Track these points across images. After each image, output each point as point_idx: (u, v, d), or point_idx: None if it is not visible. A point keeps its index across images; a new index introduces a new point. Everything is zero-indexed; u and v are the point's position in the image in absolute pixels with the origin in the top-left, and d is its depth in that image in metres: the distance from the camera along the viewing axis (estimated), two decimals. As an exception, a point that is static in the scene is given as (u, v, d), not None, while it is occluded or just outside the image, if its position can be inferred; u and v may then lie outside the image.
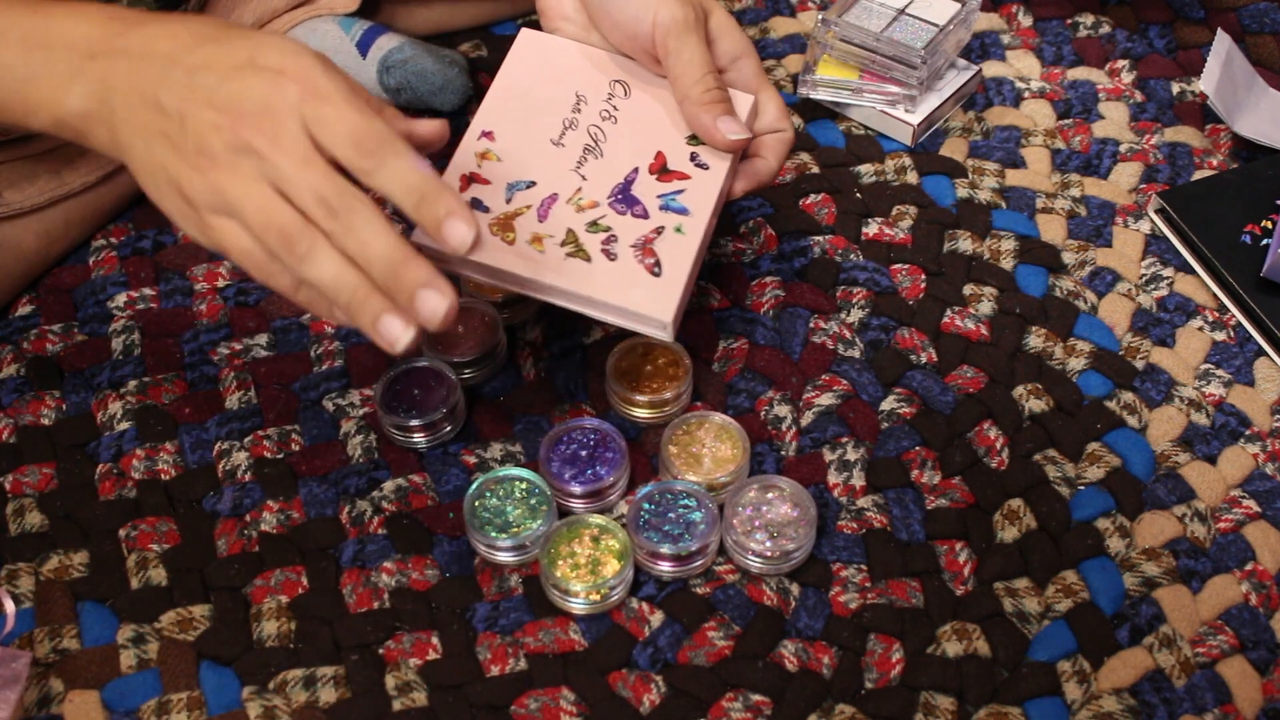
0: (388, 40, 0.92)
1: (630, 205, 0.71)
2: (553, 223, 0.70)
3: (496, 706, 0.69)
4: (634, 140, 0.73)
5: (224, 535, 0.75)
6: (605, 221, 0.70)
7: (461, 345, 0.81)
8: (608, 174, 0.72)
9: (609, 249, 0.69)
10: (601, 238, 0.70)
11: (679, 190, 0.72)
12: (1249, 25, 1.03)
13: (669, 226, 0.70)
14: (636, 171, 0.72)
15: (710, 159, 0.73)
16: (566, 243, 0.69)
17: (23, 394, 0.81)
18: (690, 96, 0.71)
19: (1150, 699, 0.69)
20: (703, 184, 0.72)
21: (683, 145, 0.73)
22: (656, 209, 0.71)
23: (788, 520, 0.73)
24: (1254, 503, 0.77)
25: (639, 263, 0.69)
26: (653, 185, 0.72)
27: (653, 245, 0.70)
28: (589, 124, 0.73)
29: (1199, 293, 0.86)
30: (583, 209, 0.71)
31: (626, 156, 0.73)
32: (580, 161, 0.72)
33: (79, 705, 0.69)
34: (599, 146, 0.73)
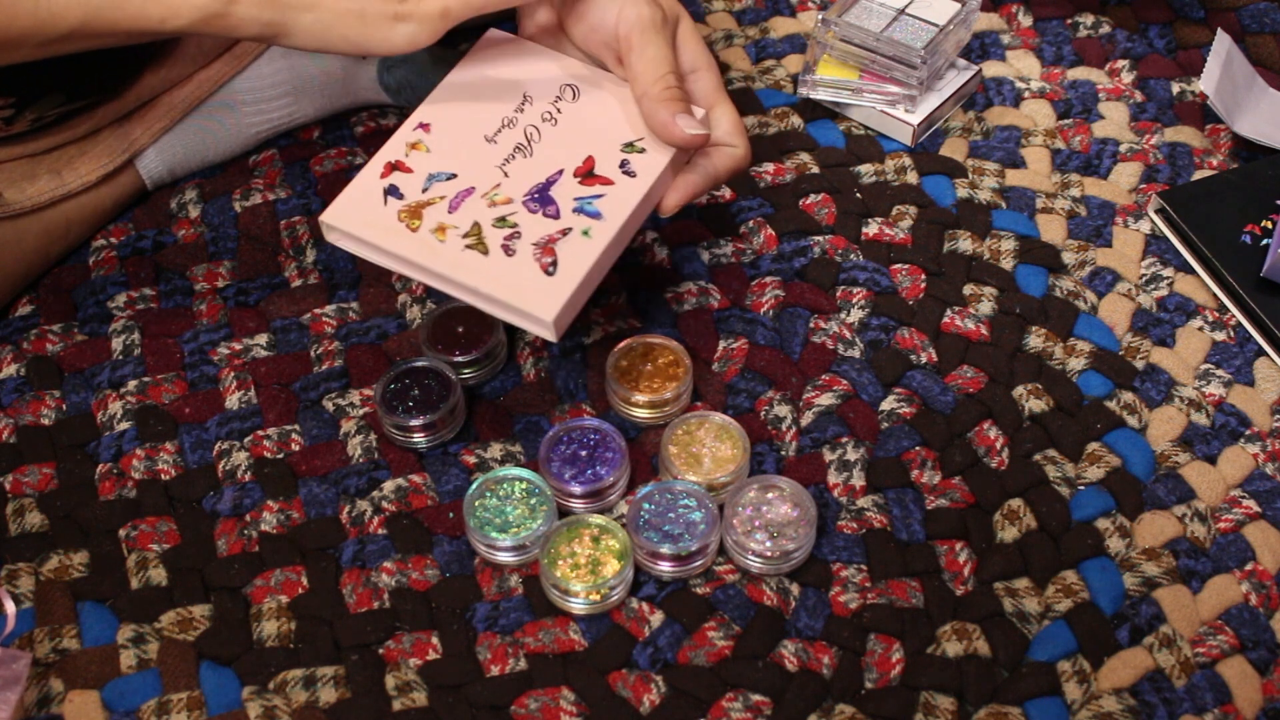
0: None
1: (544, 205, 0.71)
2: (462, 215, 0.70)
3: (496, 706, 0.69)
4: (568, 143, 0.73)
5: (224, 535, 0.75)
6: (514, 218, 0.70)
7: (461, 345, 0.81)
8: (531, 173, 0.72)
9: (509, 244, 0.69)
10: (505, 233, 0.70)
11: (598, 195, 0.71)
12: (1249, 25, 1.03)
13: (577, 229, 0.70)
14: (561, 173, 0.72)
15: (640, 168, 0.72)
16: (469, 235, 0.70)
17: (23, 394, 0.81)
18: (650, 93, 0.71)
19: (1150, 699, 0.69)
20: (624, 192, 0.71)
21: (616, 152, 0.73)
22: (570, 211, 0.71)
23: (788, 520, 0.73)
24: (1254, 503, 0.77)
25: (535, 260, 0.69)
26: (573, 188, 0.72)
27: (554, 245, 0.69)
28: (528, 123, 0.74)
29: (1199, 293, 0.86)
30: (495, 204, 0.71)
31: (555, 158, 0.73)
32: (508, 159, 0.72)
33: (79, 705, 0.69)
34: (530, 146, 0.73)
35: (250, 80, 0.90)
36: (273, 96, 0.91)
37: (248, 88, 0.90)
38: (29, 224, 0.84)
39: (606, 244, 0.70)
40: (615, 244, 0.71)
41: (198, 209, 0.91)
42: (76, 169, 0.85)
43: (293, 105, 0.92)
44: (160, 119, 0.88)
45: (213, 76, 0.89)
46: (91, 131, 0.86)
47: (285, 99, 0.92)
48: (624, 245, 0.72)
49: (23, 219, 0.84)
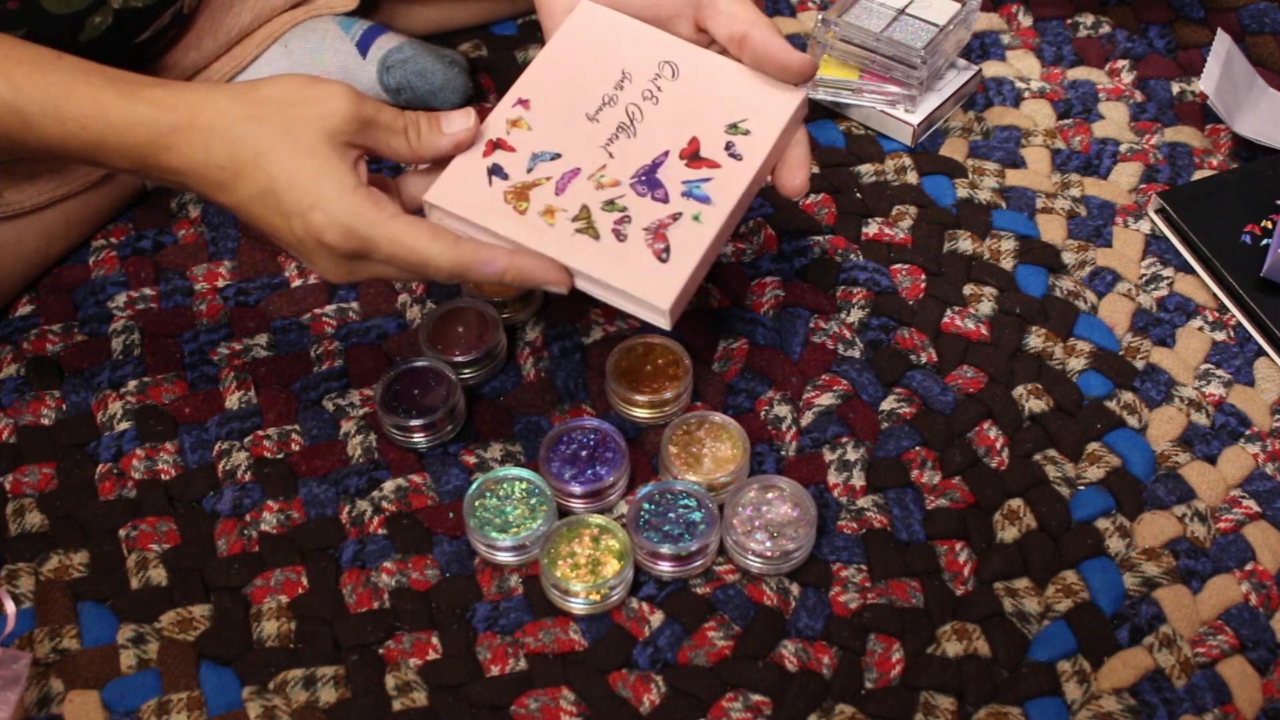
0: (388, 40, 0.92)
1: (652, 188, 0.70)
2: (569, 197, 0.69)
3: (496, 706, 0.69)
4: (671, 123, 0.72)
5: (224, 535, 0.75)
6: (623, 201, 0.69)
7: (461, 345, 0.81)
8: (636, 154, 0.71)
9: (620, 229, 0.68)
10: (615, 217, 0.69)
11: (706, 179, 0.70)
12: (1249, 25, 1.03)
13: (687, 214, 0.69)
14: (667, 155, 0.71)
15: (746, 151, 0.71)
16: (578, 218, 0.68)
17: (23, 394, 0.81)
18: (762, 21, 0.70)
19: (1150, 699, 0.69)
20: (732, 175, 0.70)
21: (720, 134, 0.71)
22: (679, 195, 0.70)
23: (788, 520, 0.73)
24: (1254, 503, 0.77)
25: (648, 246, 0.68)
26: (680, 170, 0.70)
27: (666, 231, 0.68)
28: (629, 102, 0.72)
29: (1199, 293, 0.86)
30: (603, 186, 0.69)
31: (660, 139, 0.71)
32: (611, 139, 0.71)
33: (79, 705, 0.69)
34: (634, 125, 0.71)
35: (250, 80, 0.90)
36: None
37: (248, 88, 0.90)
38: (29, 224, 0.84)
39: (718, 229, 0.69)
40: (725, 229, 0.70)
41: (198, 209, 0.91)
42: (77, 169, 0.85)
43: (293, 105, 0.92)
44: (160, 119, 0.88)
45: (213, 77, 0.89)
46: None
47: (285, 99, 0.91)
48: (732, 230, 0.71)
49: (23, 219, 0.84)
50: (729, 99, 0.72)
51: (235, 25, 0.89)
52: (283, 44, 0.91)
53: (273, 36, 0.90)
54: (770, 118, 0.72)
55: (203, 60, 0.88)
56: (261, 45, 0.90)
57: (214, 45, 0.88)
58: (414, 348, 0.83)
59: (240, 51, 0.90)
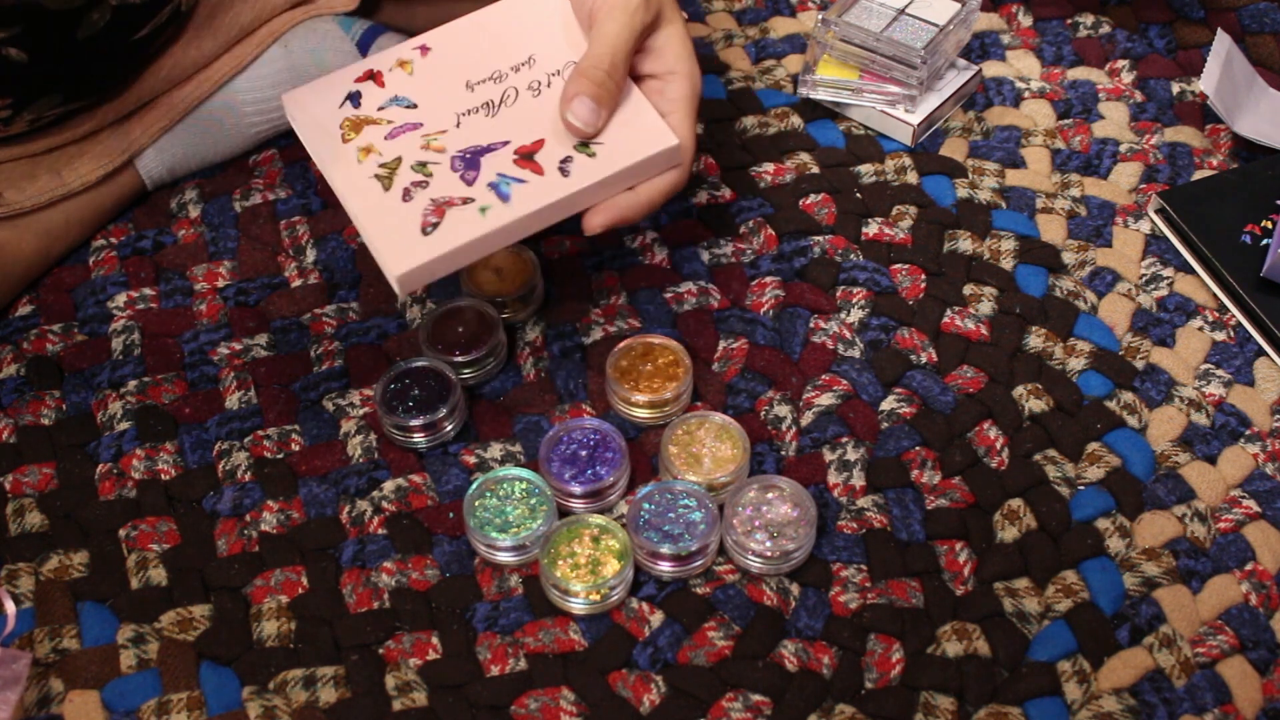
0: (388, 40, 0.92)
1: (468, 168, 0.70)
2: (393, 145, 0.71)
3: (496, 706, 0.69)
4: (532, 119, 0.72)
5: (224, 535, 0.75)
6: (434, 168, 0.70)
7: (461, 345, 0.81)
8: (479, 133, 0.72)
9: (411, 190, 0.69)
10: (416, 178, 0.69)
11: (520, 180, 0.70)
12: (1249, 25, 1.03)
13: (478, 203, 0.69)
14: (506, 145, 0.71)
15: (576, 171, 0.71)
16: (385, 166, 0.70)
17: (23, 394, 0.81)
18: (580, 66, 0.71)
19: (1150, 699, 0.69)
20: (546, 186, 0.70)
21: (567, 148, 0.72)
22: (485, 184, 0.70)
23: (788, 520, 0.73)
24: (1254, 503, 0.77)
25: (422, 215, 0.68)
26: (505, 164, 0.71)
27: (448, 209, 0.68)
28: (513, 84, 0.73)
29: (1199, 293, 0.86)
30: (428, 149, 0.71)
31: (511, 129, 0.72)
32: (470, 111, 0.72)
33: (79, 705, 0.69)
34: (499, 107, 0.72)
35: (250, 80, 0.90)
36: (273, 96, 0.91)
37: (248, 87, 0.90)
38: (29, 224, 0.84)
39: (495, 228, 0.69)
40: (507, 231, 0.69)
41: (198, 209, 0.91)
42: (76, 169, 0.85)
43: (293, 105, 0.92)
44: (160, 119, 0.88)
45: (213, 76, 0.89)
46: (91, 132, 0.86)
47: (285, 99, 0.92)
48: (518, 237, 0.71)
49: (23, 219, 0.84)
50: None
51: (235, 24, 0.89)
52: (283, 43, 0.91)
53: (273, 36, 0.90)
54: (625, 151, 0.71)
55: (203, 59, 0.88)
56: (262, 45, 0.90)
57: (214, 44, 0.88)
58: (414, 348, 0.83)
59: (240, 51, 0.90)
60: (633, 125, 0.72)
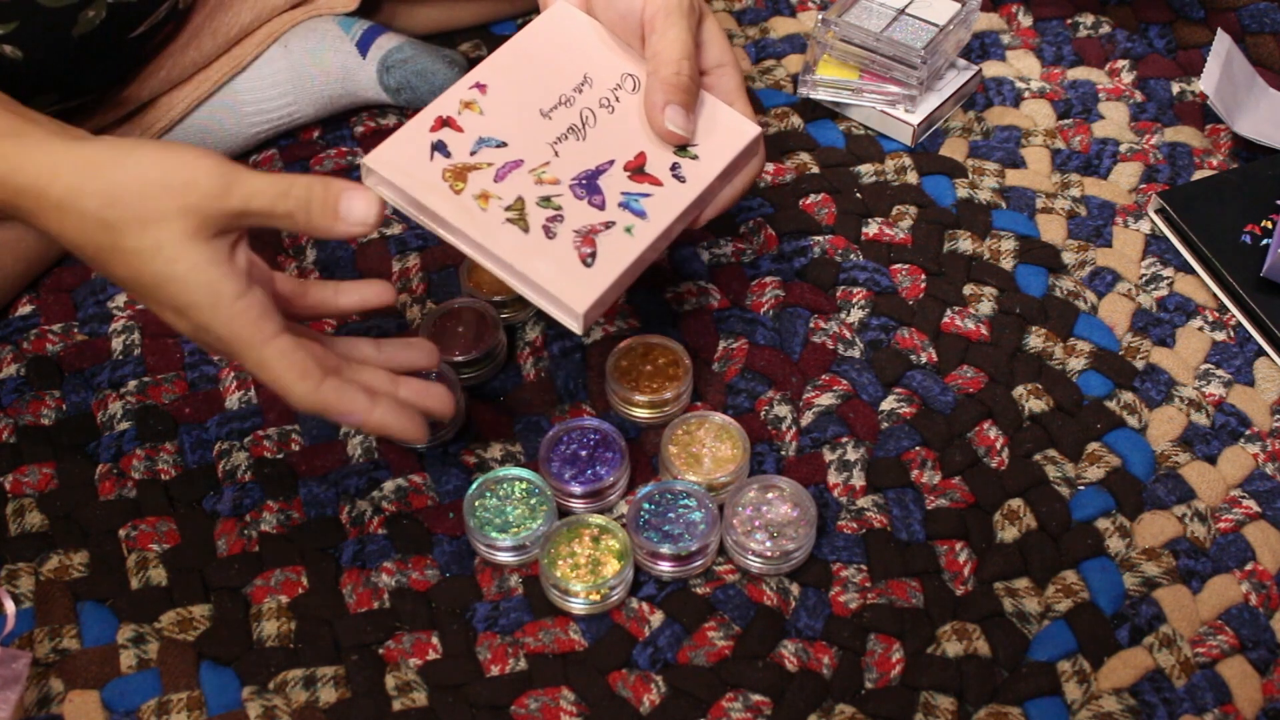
0: (388, 40, 0.92)
1: (591, 193, 0.69)
2: (507, 186, 0.69)
3: (496, 706, 0.69)
4: (623, 134, 0.72)
5: (224, 535, 0.75)
6: (559, 200, 0.69)
7: (461, 345, 0.81)
8: (582, 157, 0.71)
9: (550, 226, 0.68)
10: (548, 214, 0.68)
11: (646, 194, 0.70)
12: (1249, 25, 1.03)
13: (620, 224, 0.69)
14: (612, 164, 0.71)
15: (690, 174, 0.71)
16: (511, 208, 0.68)
17: (23, 394, 0.81)
18: (657, 74, 0.70)
19: (1150, 699, 0.69)
20: (672, 195, 0.70)
21: (668, 154, 0.72)
22: (615, 204, 0.69)
23: (788, 520, 0.73)
24: (1254, 503, 0.77)
25: (575, 248, 0.68)
26: (622, 182, 0.70)
27: (596, 237, 0.68)
28: (585, 106, 0.72)
29: (1199, 293, 0.86)
30: (542, 182, 0.69)
31: (608, 147, 0.71)
32: (560, 138, 0.71)
33: (79, 705, 0.69)
34: (585, 129, 0.71)
35: (250, 80, 0.90)
36: (273, 96, 0.91)
37: (248, 88, 0.90)
38: (29, 224, 0.84)
39: (647, 245, 0.69)
40: (654, 246, 0.69)
41: (198, 209, 0.91)
42: (76, 169, 0.85)
43: (292, 105, 0.92)
44: (160, 120, 0.88)
45: (212, 77, 0.89)
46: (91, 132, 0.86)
47: (285, 99, 0.92)
48: (661, 249, 0.71)
49: (23, 219, 0.84)
50: None
51: (235, 24, 0.89)
52: (283, 44, 0.91)
53: (273, 36, 0.90)
54: (720, 147, 0.72)
55: (202, 59, 0.88)
56: (261, 45, 0.90)
57: (213, 44, 0.88)
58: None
59: (240, 51, 0.90)
60: (717, 123, 0.73)
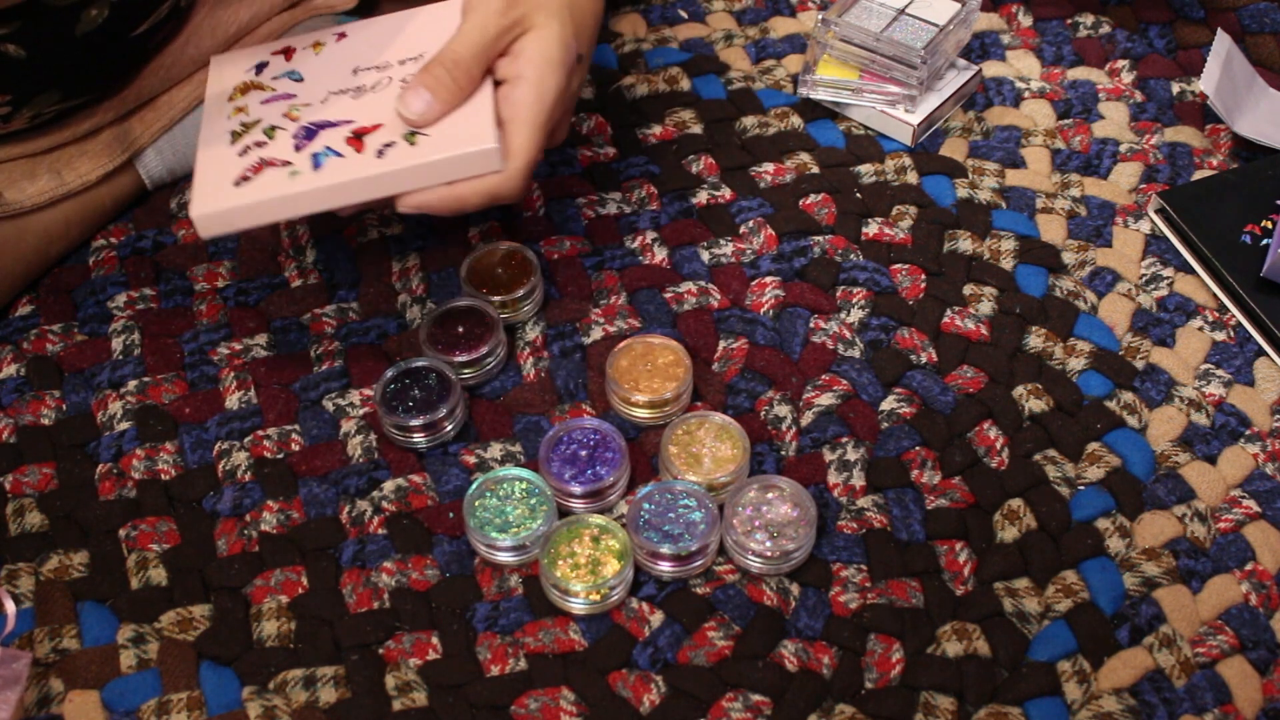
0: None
1: (305, 138, 0.74)
2: (262, 110, 0.76)
3: (496, 706, 0.69)
4: (384, 106, 0.75)
5: (224, 535, 0.75)
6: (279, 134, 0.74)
7: (461, 345, 0.81)
8: (334, 111, 0.75)
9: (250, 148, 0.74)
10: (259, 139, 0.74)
11: (339, 155, 0.73)
12: (1249, 25, 1.03)
13: (294, 166, 0.72)
14: (347, 124, 0.74)
15: (393, 156, 0.72)
16: (244, 125, 0.75)
17: (23, 394, 0.81)
18: (429, 59, 0.73)
19: (1150, 699, 0.69)
20: (356, 165, 0.72)
21: (397, 134, 0.73)
22: (309, 154, 0.73)
23: (788, 520, 0.73)
24: (1254, 503, 0.77)
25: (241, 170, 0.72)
26: (336, 140, 0.73)
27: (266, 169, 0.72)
28: (390, 75, 0.76)
29: (1199, 293, 0.86)
30: (286, 116, 0.75)
31: (363, 111, 0.75)
32: (340, 92, 0.76)
33: (79, 705, 0.69)
34: (366, 92, 0.76)
35: (250, 80, 0.90)
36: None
37: (247, 87, 0.90)
38: (29, 224, 0.84)
39: (297, 192, 0.71)
40: (309, 198, 0.72)
41: (198, 209, 0.91)
42: (76, 169, 0.85)
43: (292, 105, 0.92)
44: (160, 118, 0.88)
45: (213, 76, 0.89)
46: (91, 131, 0.86)
47: (285, 99, 0.92)
48: (327, 206, 0.72)
49: (23, 219, 0.84)
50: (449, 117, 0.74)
51: (234, 23, 0.89)
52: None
53: (272, 35, 0.90)
54: (441, 143, 0.72)
55: (201, 58, 0.88)
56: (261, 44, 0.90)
57: (213, 43, 0.88)
58: (414, 348, 0.83)
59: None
60: (461, 123, 0.73)
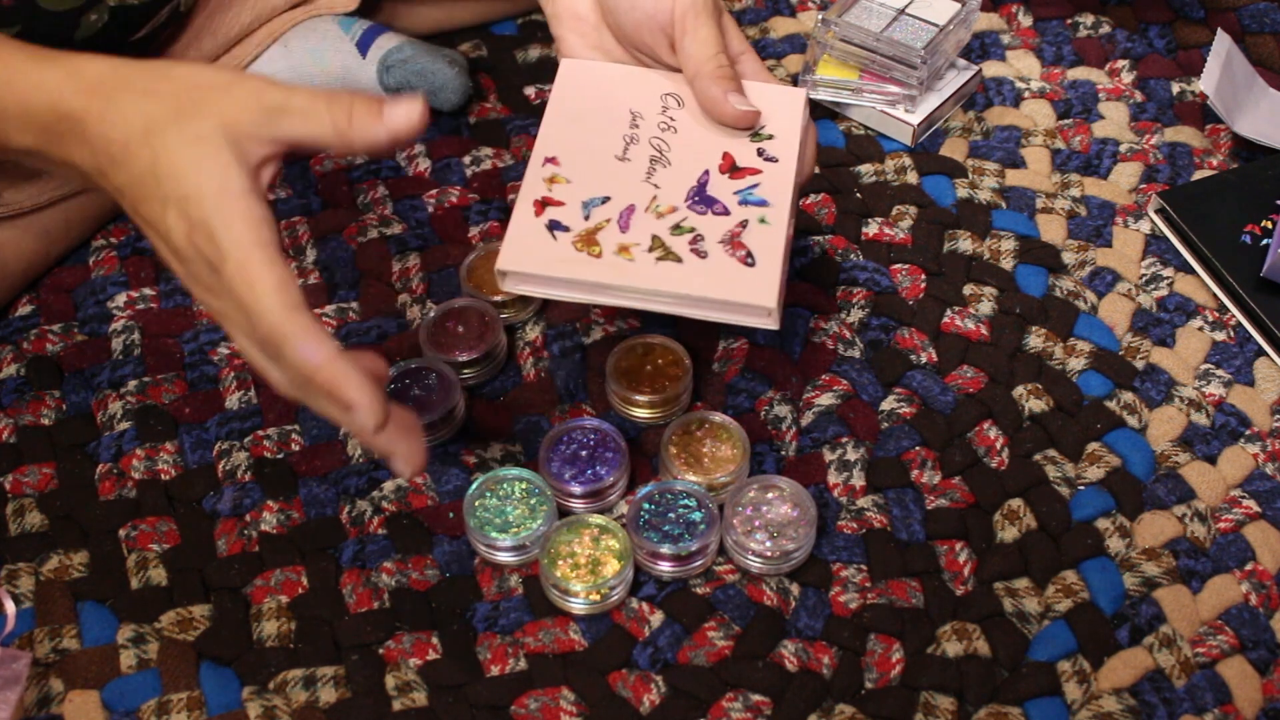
0: (388, 40, 0.92)
1: (709, 205, 0.70)
2: (636, 231, 0.69)
3: (496, 706, 0.69)
4: (698, 145, 0.73)
5: (224, 535, 0.75)
6: (688, 223, 0.69)
7: (461, 345, 0.81)
8: (680, 179, 0.71)
9: (697, 248, 0.68)
10: (688, 238, 0.69)
11: (754, 184, 0.71)
12: (1249, 25, 1.03)
13: (753, 219, 0.70)
14: (708, 173, 0.71)
15: (778, 152, 0.72)
16: (654, 248, 0.68)
17: (23, 394, 0.81)
18: (703, 71, 0.71)
19: (1150, 699, 0.69)
20: (776, 175, 0.71)
21: (748, 144, 0.73)
22: (736, 204, 0.70)
23: (788, 520, 0.73)
24: (1254, 503, 0.77)
25: (731, 256, 0.68)
26: (727, 184, 0.71)
27: (740, 238, 0.69)
28: (650, 136, 0.73)
29: (1199, 293, 0.86)
30: (662, 215, 0.70)
31: (694, 161, 0.72)
32: (649, 172, 0.71)
33: (79, 705, 0.69)
34: (665, 156, 0.72)
35: (250, 80, 0.90)
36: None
37: (248, 87, 0.90)
38: (29, 224, 0.84)
39: (785, 224, 0.69)
40: (790, 225, 0.70)
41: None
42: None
43: (293, 105, 0.92)
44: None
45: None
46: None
47: (285, 99, 0.91)
48: (794, 225, 0.72)
49: (23, 219, 0.84)
50: None
51: (235, 25, 0.89)
52: (283, 44, 0.91)
53: (273, 36, 0.90)
54: (786, 120, 0.73)
55: (203, 59, 0.88)
56: (261, 45, 0.90)
57: (213, 45, 0.88)
58: (414, 348, 0.83)
59: (240, 51, 0.90)
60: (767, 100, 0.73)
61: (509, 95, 0.98)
